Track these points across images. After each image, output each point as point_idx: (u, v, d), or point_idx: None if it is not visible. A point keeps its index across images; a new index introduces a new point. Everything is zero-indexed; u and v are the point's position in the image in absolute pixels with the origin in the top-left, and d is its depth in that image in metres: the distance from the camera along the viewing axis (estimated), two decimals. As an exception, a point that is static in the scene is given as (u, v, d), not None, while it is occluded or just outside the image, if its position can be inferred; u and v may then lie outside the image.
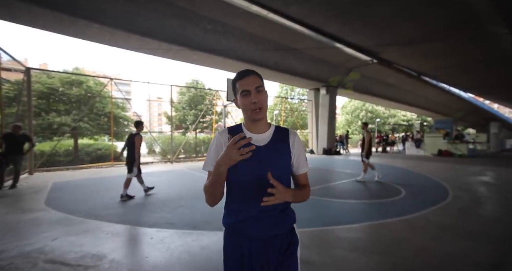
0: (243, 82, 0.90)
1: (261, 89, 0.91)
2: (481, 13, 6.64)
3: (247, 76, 0.91)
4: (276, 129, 0.99)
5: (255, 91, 0.89)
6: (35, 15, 5.73)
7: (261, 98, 0.90)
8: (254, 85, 0.89)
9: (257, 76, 0.93)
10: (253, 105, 0.89)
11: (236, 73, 0.95)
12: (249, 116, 0.93)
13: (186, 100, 19.63)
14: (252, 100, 0.89)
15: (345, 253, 2.38)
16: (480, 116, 26.87)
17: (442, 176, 6.76)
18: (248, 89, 0.89)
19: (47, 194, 4.64)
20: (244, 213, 0.92)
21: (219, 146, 0.95)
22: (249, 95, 0.89)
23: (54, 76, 11.49)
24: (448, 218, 3.38)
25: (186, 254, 2.34)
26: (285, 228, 0.96)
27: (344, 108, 35.89)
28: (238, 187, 0.93)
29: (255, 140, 0.92)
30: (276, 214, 0.93)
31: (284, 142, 0.96)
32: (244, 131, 0.96)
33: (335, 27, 7.76)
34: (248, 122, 0.97)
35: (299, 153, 0.98)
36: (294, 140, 0.98)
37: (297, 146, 0.98)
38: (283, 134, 0.98)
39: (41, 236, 2.72)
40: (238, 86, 0.92)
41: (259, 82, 0.91)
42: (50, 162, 8.62)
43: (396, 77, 13.25)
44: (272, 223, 0.92)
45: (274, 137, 0.96)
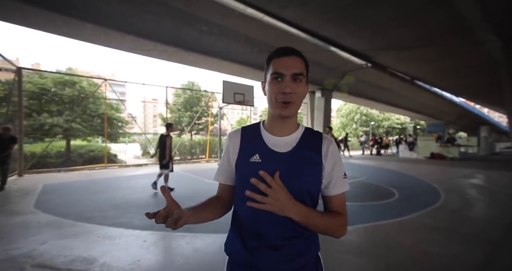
0: (280, 62, 0.67)
1: (300, 79, 0.67)
2: (469, 20, 6.83)
3: (287, 56, 0.68)
4: (305, 132, 0.75)
5: (291, 79, 0.66)
6: (27, 14, 5.64)
7: (297, 90, 0.67)
8: (292, 70, 0.66)
9: (301, 59, 0.69)
10: (282, 96, 0.66)
11: (276, 49, 0.71)
12: (275, 110, 0.69)
13: (181, 102, 19.54)
14: (284, 89, 0.66)
15: (339, 255, 2.38)
16: (471, 120, 27.49)
17: (434, 178, 6.87)
18: (282, 72, 0.66)
19: (37, 196, 4.53)
20: (256, 239, 0.69)
21: (229, 153, 0.76)
22: (281, 80, 0.66)
23: (47, 77, 11.32)
24: (440, 220, 3.42)
25: (179, 257, 2.31)
26: (310, 257, 0.74)
27: (339, 111, 36.27)
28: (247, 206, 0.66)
29: (274, 143, 0.72)
30: (299, 239, 0.70)
31: (314, 149, 0.72)
32: (262, 132, 0.75)
33: (331, 30, 7.87)
34: (270, 119, 0.74)
35: (333, 166, 0.73)
36: (328, 147, 0.73)
37: (332, 156, 0.73)
38: (315, 140, 0.74)
39: (30, 240, 2.65)
40: (272, 66, 0.69)
41: (300, 68, 0.68)
42: (41, 164, 8.44)
43: (390, 81, 13.47)
44: (293, 252, 0.69)
45: (301, 141, 0.73)
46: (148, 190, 5.16)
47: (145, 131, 33.29)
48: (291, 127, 0.74)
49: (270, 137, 0.74)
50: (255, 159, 0.70)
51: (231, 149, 0.76)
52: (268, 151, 0.71)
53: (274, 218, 0.65)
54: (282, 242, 0.68)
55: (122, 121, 12.76)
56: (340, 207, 0.74)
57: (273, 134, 0.74)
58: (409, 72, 12.30)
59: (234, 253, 0.73)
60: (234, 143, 0.76)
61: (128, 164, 10.29)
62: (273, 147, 0.72)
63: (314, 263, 0.76)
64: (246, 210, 0.67)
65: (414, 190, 5.41)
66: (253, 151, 0.72)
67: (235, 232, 0.74)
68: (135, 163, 10.70)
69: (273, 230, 0.68)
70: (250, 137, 0.76)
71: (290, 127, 0.74)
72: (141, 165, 9.95)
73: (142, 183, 5.96)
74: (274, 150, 0.71)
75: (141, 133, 13.49)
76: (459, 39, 8.01)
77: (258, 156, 0.71)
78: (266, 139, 0.74)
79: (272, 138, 0.73)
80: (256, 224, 0.70)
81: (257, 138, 0.74)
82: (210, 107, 15.05)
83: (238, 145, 0.75)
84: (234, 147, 0.75)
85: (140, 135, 15.93)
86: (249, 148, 0.73)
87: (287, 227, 0.68)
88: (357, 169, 9.06)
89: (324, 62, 11.13)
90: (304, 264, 0.72)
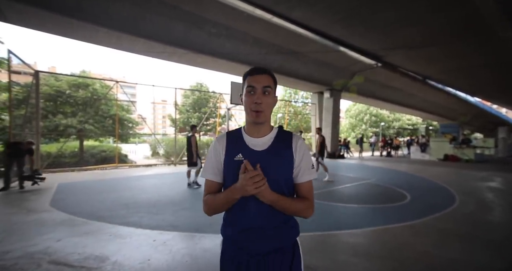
0: (253, 78, 0.84)
1: (268, 91, 0.83)
2: (487, 17, 6.58)
3: (258, 74, 0.84)
4: (278, 133, 0.91)
5: (261, 91, 0.82)
6: (45, 20, 5.88)
7: (266, 101, 0.83)
8: (262, 84, 0.82)
9: (269, 76, 0.85)
10: (255, 106, 0.82)
11: (249, 69, 0.88)
12: (249, 117, 0.86)
13: (190, 103, 19.80)
14: (255, 100, 0.82)
15: (346, 258, 2.35)
16: (487, 121, 26.42)
17: (448, 181, 6.64)
18: (254, 85, 0.82)
19: (53, 195, 4.70)
20: (243, 223, 0.85)
21: (217, 153, 0.89)
22: (254, 93, 0.82)
23: (62, 79, 11.74)
24: (455, 224, 3.31)
25: (188, 257, 2.34)
26: (288, 241, 0.88)
27: (348, 111, 35.71)
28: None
29: (254, 144, 0.87)
30: (279, 225, 0.85)
31: (286, 146, 0.87)
32: (244, 135, 0.90)
33: (340, 31, 7.77)
34: (248, 124, 0.90)
35: (302, 158, 0.87)
36: (297, 143, 0.88)
37: (301, 150, 0.88)
38: (286, 138, 0.90)
39: (45, 237, 2.75)
40: (246, 82, 0.85)
41: (268, 82, 0.84)
42: (56, 163, 8.75)
43: (400, 81, 13.16)
44: (274, 235, 0.85)
45: (275, 140, 0.88)
46: (157, 190, 5.25)
47: (155, 132, 33.91)
48: (265, 129, 0.89)
49: (249, 138, 0.88)
50: (238, 158, 0.84)
51: (219, 150, 0.89)
52: (249, 150, 0.86)
53: (259, 210, 0.82)
54: (265, 228, 0.84)
55: (133, 122, 13.06)
56: (307, 192, 0.89)
57: (252, 137, 0.89)
58: (421, 71, 11.97)
59: (227, 236, 0.90)
60: (221, 145, 0.89)
61: (138, 164, 10.51)
62: (253, 147, 0.86)
63: (291, 246, 0.89)
64: (237, 204, 0.84)
65: (427, 192, 5.25)
66: (237, 151, 0.86)
67: (227, 220, 0.90)
68: (144, 163, 10.92)
69: (258, 219, 0.83)
70: (234, 139, 0.90)
71: (265, 129, 0.89)
72: (150, 165, 10.14)
73: (151, 183, 6.07)
74: (253, 149, 0.86)
75: (151, 134, 13.75)
76: (474, 37, 7.73)
77: (241, 154, 0.85)
78: (247, 140, 0.88)
79: (251, 139, 0.88)
80: (244, 215, 0.84)
81: (239, 140, 0.89)
82: (218, 108, 15.17)
83: (224, 146, 0.89)
84: (222, 148, 0.89)
85: (150, 136, 16.23)
86: (234, 148, 0.87)
87: (271, 217, 0.84)
88: (366, 170, 8.89)
89: (332, 63, 11.00)
90: (282, 246, 0.86)
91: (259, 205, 0.81)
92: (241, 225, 0.85)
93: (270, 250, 0.84)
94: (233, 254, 0.87)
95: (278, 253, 0.85)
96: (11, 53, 6.60)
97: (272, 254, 0.84)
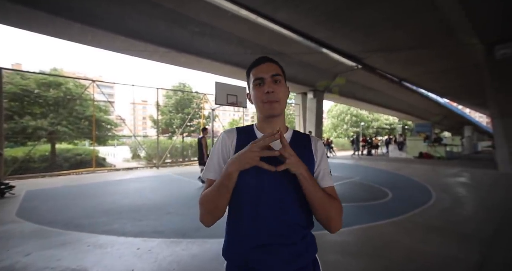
0: (258, 69, 0.74)
1: (278, 79, 0.74)
2: (453, 23, 7.09)
3: (262, 63, 0.75)
4: (295, 133, 0.81)
5: (270, 80, 0.73)
6: (8, 12, 5.37)
7: (278, 89, 0.73)
8: (270, 73, 0.73)
9: (275, 64, 0.76)
10: (267, 96, 0.72)
11: (252, 61, 0.78)
12: (262, 111, 0.75)
13: (172, 104, 19.24)
14: (266, 89, 0.72)
15: (336, 257, 2.37)
16: (455, 121, 28.58)
17: (425, 177, 7.04)
18: (262, 76, 0.73)
19: (19, 204, 4.28)
20: (254, 239, 0.70)
21: (225, 149, 0.76)
22: (263, 84, 0.73)
23: (29, 77, 10.81)
24: (433, 219, 3.49)
25: (175, 265, 2.22)
26: (308, 258, 0.75)
27: (330, 112, 36.81)
28: (247, 203, 0.71)
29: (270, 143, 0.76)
30: (297, 241, 0.72)
31: (305, 147, 0.78)
32: (256, 132, 0.78)
33: (323, 32, 7.96)
34: (261, 121, 0.78)
35: (323, 162, 0.78)
36: (317, 144, 0.80)
37: (321, 153, 0.79)
38: (304, 139, 0.81)
39: (12, 251, 2.48)
40: (252, 75, 0.76)
41: (277, 69, 0.75)
42: (23, 169, 8.03)
43: (379, 82, 13.80)
44: (291, 253, 0.70)
45: (293, 140, 0.78)
46: (139, 194, 5.00)
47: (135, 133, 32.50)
48: (282, 127, 0.76)
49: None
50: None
51: (228, 145, 0.76)
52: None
53: (273, 221, 0.69)
54: (281, 244, 0.70)
55: (111, 123, 12.36)
56: (336, 196, 0.77)
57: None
58: (398, 73, 12.64)
59: (234, 256, 0.73)
60: (231, 140, 0.77)
61: (117, 167, 9.97)
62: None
63: (311, 265, 0.76)
64: (244, 210, 0.71)
65: (406, 189, 5.51)
66: None
67: (233, 236, 0.74)
68: (125, 166, 10.39)
69: (273, 233, 0.69)
70: (245, 136, 0.77)
71: (281, 127, 0.75)
72: (131, 168, 9.67)
73: (132, 187, 5.77)
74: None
75: (131, 135, 13.14)
76: (444, 42, 8.30)
77: None
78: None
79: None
80: (256, 227, 0.70)
81: (252, 138, 0.74)
82: (202, 109, 14.88)
83: (234, 143, 0.76)
84: (231, 144, 0.76)
85: (130, 137, 15.51)
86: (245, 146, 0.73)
87: (286, 230, 0.70)
88: (349, 169, 9.18)
89: (316, 64, 11.25)
90: (302, 266, 0.73)
91: (276, 218, 0.70)
92: (254, 240, 0.70)
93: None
94: None
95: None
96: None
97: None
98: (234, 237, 0.74)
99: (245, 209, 0.72)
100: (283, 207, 0.71)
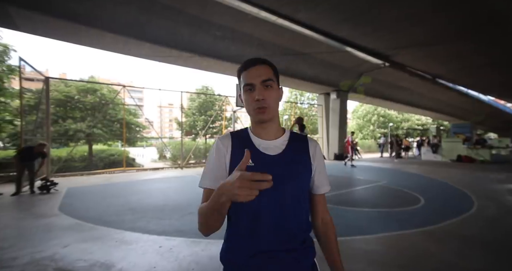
0: (248, 73, 0.71)
1: (269, 84, 0.70)
2: (498, 13, 6.34)
3: (252, 66, 0.71)
4: (292, 136, 0.79)
5: (261, 86, 0.70)
6: (53, 26, 6.01)
7: (268, 95, 0.70)
8: (260, 78, 0.69)
9: (266, 66, 0.72)
10: (257, 104, 0.70)
11: (243, 63, 0.75)
12: (253, 117, 0.74)
13: (196, 106, 19.92)
14: (256, 97, 0.69)
15: (361, 266, 2.22)
16: (502, 120, 25.52)
17: (464, 183, 6.37)
18: (251, 82, 0.70)
19: (61, 200, 4.72)
20: (252, 247, 0.69)
21: (221, 155, 0.74)
22: (253, 90, 0.70)
23: (71, 85, 12.01)
24: (474, 230, 3.13)
25: (194, 265, 2.26)
26: (307, 264, 0.75)
27: (355, 112, 35.27)
28: (243, 212, 0.70)
29: (265, 147, 0.74)
30: (297, 247, 0.72)
31: (302, 151, 0.76)
32: (251, 136, 0.76)
33: (346, 31, 7.66)
34: (254, 126, 0.77)
35: (320, 167, 0.78)
36: (315, 149, 0.78)
37: (318, 155, 0.78)
38: (302, 142, 0.78)
39: (52, 243, 2.73)
40: (242, 79, 0.73)
41: (268, 74, 0.71)
42: (66, 167, 8.88)
43: (409, 80, 12.87)
44: (291, 260, 0.70)
45: (290, 144, 0.76)
46: (163, 194, 5.23)
47: (161, 135, 34.27)
48: (276, 131, 0.77)
49: (259, 140, 0.75)
50: (248, 163, 0.66)
51: (223, 152, 0.74)
52: (260, 154, 0.72)
53: (273, 228, 0.68)
54: (281, 251, 0.69)
55: (140, 126, 13.20)
56: (324, 206, 0.82)
57: (261, 139, 0.76)
58: (431, 70, 11.66)
59: (232, 263, 0.72)
60: (226, 147, 0.75)
61: (145, 167, 10.58)
62: (264, 151, 0.73)
63: (310, 270, 0.76)
64: (241, 219, 0.71)
65: (442, 195, 5.03)
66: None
67: (231, 242, 0.74)
68: (152, 166, 10.98)
69: (273, 240, 0.69)
70: (240, 141, 0.75)
71: (276, 131, 0.77)
72: (157, 168, 10.18)
73: (157, 187, 6.06)
74: (266, 153, 0.73)
75: (158, 137, 13.86)
76: (485, 35, 7.47)
77: (250, 160, 0.68)
78: (256, 143, 0.75)
79: (262, 142, 0.75)
80: (256, 235, 0.69)
81: (247, 142, 0.75)
82: (224, 111, 15.18)
83: (230, 149, 0.74)
84: (227, 150, 0.74)
85: (157, 139, 16.37)
86: (241, 152, 0.68)
87: (286, 236, 0.70)
88: (376, 172, 8.66)
89: (339, 63, 10.86)
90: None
91: (275, 225, 0.69)
92: (252, 248, 0.69)
93: None
94: None
95: None
96: (23, 61, 6.79)
97: None
98: (234, 244, 0.73)
99: (245, 218, 0.70)
100: (283, 214, 0.70)
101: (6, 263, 2.30)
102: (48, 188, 5.42)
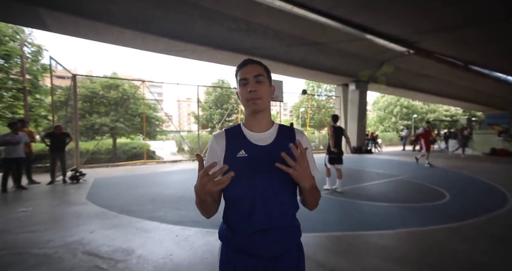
0: (243, 70, 0.83)
1: (260, 79, 0.82)
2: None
3: (246, 65, 0.84)
4: (280, 128, 0.88)
5: (254, 80, 0.81)
6: (78, 25, 6.30)
7: (260, 88, 0.81)
8: (253, 73, 0.81)
9: (258, 65, 0.84)
10: (250, 95, 0.80)
11: (239, 63, 0.87)
12: (247, 108, 0.84)
13: (212, 100, 20.19)
14: (249, 88, 0.80)
15: (377, 262, 2.16)
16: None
17: (498, 178, 5.88)
18: (246, 77, 0.81)
19: (89, 189, 5.09)
20: (246, 227, 0.79)
21: (215, 153, 0.84)
22: (247, 84, 0.81)
23: (96, 81, 12.67)
24: (506, 228, 2.89)
25: (209, 254, 2.34)
26: (294, 242, 0.84)
27: (376, 104, 33.69)
28: (236, 197, 0.80)
29: (256, 139, 0.83)
30: (286, 226, 0.81)
31: (290, 140, 0.84)
32: (243, 130, 0.86)
33: (365, 17, 7.21)
34: (248, 117, 0.87)
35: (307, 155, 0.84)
36: (302, 139, 0.86)
37: (304, 144, 0.84)
38: (289, 133, 0.87)
39: (81, 228, 2.96)
40: (238, 75, 0.84)
41: (259, 70, 0.83)
42: (93, 159, 9.51)
43: (437, 68, 11.92)
44: (282, 237, 0.80)
45: (279, 135, 0.85)
46: (181, 185, 5.42)
47: (180, 129, 35.30)
48: (267, 123, 0.86)
49: (251, 133, 0.85)
50: (241, 154, 0.81)
51: (218, 148, 0.84)
52: (251, 146, 0.82)
53: (266, 209, 0.78)
54: (273, 228, 0.79)
55: (159, 120, 13.67)
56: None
57: (253, 131, 0.85)
58: (461, 56, 10.69)
59: (230, 241, 0.82)
60: (220, 143, 0.84)
61: (165, 160, 11.01)
62: (255, 142, 0.82)
63: (297, 248, 0.86)
64: (234, 204, 0.81)
65: (470, 191, 4.70)
66: (239, 147, 0.82)
67: (230, 223, 0.83)
68: (171, 159, 11.41)
69: (265, 220, 0.78)
70: (234, 136, 0.85)
71: (266, 123, 0.86)
72: (176, 161, 10.56)
73: (176, 179, 6.29)
74: (257, 144, 0.82)
75: (176, 131, 14.30)
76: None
77: (243, 151, 0.81)
78: (248, 135, 0.84)
79: (253, 134, 0.84)
80: (251, 216, 0.78)
81: (240, 136, 0.85)
82: (239, 104, 15.22)
83: (224, 144, 0.84)
84: (221, 146, 0.83)
85: (176, 133, 16.90)
86: (235, 145, 0.83)
87: (277, 216, 0.79)
88: (398, 166, 8.27)
89: (358, 52, 10.33)
90: (289, 248, 0.82)
91: (268, 207, 0.78)
92: (248, 229, 0.78)
93: (278, 253, 0.80)
94: (237, 260, 0.80)
95: (285, 256, 0.81)
96: (53, 60, 7.26)
97: (279, 258, 0.80)
98: (232, 224, 0.82)
99: (242, 202, 0.79)
100: (275, 197, 0.79)
101: (42, 245, 2.54)
102: (78, 178, 5.85)
